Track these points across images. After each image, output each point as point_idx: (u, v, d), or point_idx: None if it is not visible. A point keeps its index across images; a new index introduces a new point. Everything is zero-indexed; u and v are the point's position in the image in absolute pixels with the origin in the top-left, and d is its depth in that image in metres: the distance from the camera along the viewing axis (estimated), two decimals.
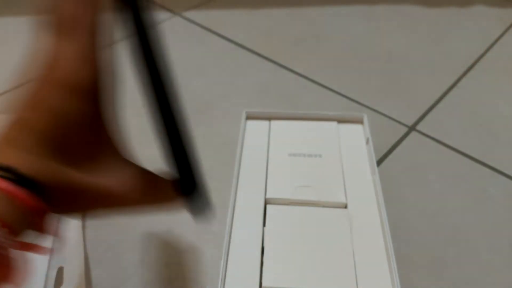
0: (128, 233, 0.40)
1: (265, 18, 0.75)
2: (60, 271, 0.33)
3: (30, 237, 0.20)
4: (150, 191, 0.26)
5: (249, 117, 0.46)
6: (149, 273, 0.37)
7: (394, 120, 0.53)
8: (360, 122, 0.46)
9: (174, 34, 0.70)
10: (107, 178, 0.23)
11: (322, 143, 0.43)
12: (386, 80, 0.60)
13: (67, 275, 0.32)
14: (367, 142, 0.44)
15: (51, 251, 0.34)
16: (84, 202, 0.23)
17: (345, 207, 0.38)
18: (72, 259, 0.33)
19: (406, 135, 0.51)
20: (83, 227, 0.40)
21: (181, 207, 0.26)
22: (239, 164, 0.41)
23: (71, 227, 0.36)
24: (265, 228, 0.35)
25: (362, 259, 0.33)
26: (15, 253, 0.18)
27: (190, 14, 0.76)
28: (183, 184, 0.26)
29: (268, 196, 0.38)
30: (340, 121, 0.46)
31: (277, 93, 0.57)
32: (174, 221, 0.41)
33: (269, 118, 0.47)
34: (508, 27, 0.72)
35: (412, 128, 0.52)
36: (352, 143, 0.44)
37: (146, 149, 0.49)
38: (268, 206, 0.37)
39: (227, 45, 0.68)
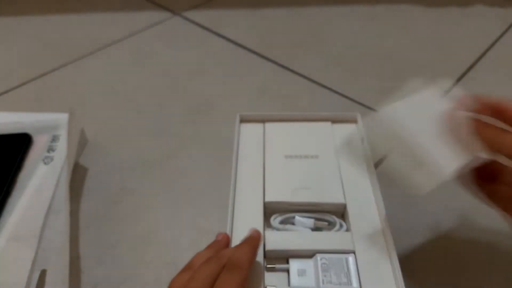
0: (128, 233, 0.40)
1: (265, 18, 0.75)
2: (42, 273, 0.33)
3: None
4: None
5: (242, 120, 0.46)
6: (149, 273, 0.37)
7: None
8: (354, 121, 0.46)
9: (174, 34, 0.70)
10: None
11: (317, 144, 0.43)
12: (386, 80, 0.60)
13: (50, 278, 0.32)
14: (362, 142, 0.44)
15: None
16: None
17: (345, 207, 0.38)
18: (56, 262, 0.33)
19: None
20: (70, 229, 0.40)
21: None
22: (236, 169, 0.41)
23: (57, 229, 0.36)
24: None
25: (363, 260, 0.33)
26: None
27: (190, 14, 0.76)
28: None
29: (266, 199, 0.38)
30: (334, 121, 0.46)
31: (277, 93, 0.57)
32: (174, 220, 0.41)
33: (263, 121, 0.46)
34: (508, 27, 0.72)
35: None
36: (348, 142, 0.44)
37: (145, 146, 0.49)
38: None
39: (227, 45, 0.68)
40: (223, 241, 0.34)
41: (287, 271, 0.34)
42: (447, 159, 0.30)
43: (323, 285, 0.31)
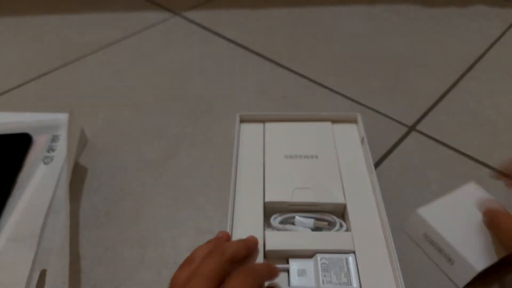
0: (128, 233, 0.40)
1: (265, 18, 0.75)
2: (42, 273, 0.33)
3: None
4: None
5: (242, 120, 0.46)
6: (149, 273, 0.37)
7: (394, 120, 0.53)
8: (354, 121, 0.46)
9: (174, 34, 0.70)
10: None
11: (317, 144, 0.43)
12: (386, 80, 0.60)
13: (50, 278, 0.32)
14: (362, 141, 0.44)
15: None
16: None
17: (345, 207, 0.38)
18: (56, 262, 0.33)
19: (406, 135, 0.51)
20: (70, 228, 0.40)
21: None
22: (236, 169, 0.41)
23: (57, 229, 0.35)
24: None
25: (363, 260, 0.33)
26: None
27: (190, 14, 0.76)
28: None
29: (267, 199, 0.38)
30: (334, 121, 0.46)
31: (277, 93, 0.57)
32: (174, 220, 0.41)
33: (263, 121, 0.46)
34: (508, 27, 0.72)
35: (412, 128, 0.52)
36: (348, 142, 0.44)
37: (145, 146, 0.49)
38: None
39: (227, 45, 0.68)
40: (224, 238, 0.33)
41: (287, 271, 0.34)
42: (477, 259, 0.33)
43: (323, 285, 0.31)
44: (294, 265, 0.34)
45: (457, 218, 0.36)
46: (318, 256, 0.33)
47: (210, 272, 0.27)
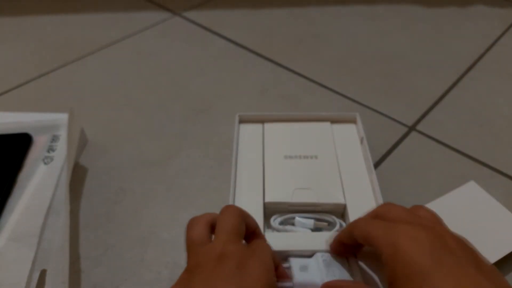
0: (128, 233, 0.40)
1: (265, 18, 0.75)
2: (42, 273, 0.33)
3: None
4: None
5: (242, 121, 0.46)
6: (149, 273, 0.37)
7: (394, 120, 0.53)
8: (353, 121, 0.46)
9: (174, 34, 0.70)
10: None
11: (317, 144, 0.43)
12: (386, 80, 0.60)
13: (50, 278, 0.32)
14: (361, 141, 0.44)
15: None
16: None
17: (345, 207, 0.38)
18: (56, 262, 0.33)
19: (406, 135, 0.51)
20: (70, 228, 0.40)
21: None
22: (236, 169, 0.41)
23: (57, 229, 0.35)
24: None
25: (364, 259, 0.33)
26: None
27: (190, 14, 0.76)
28: None
29: (267, 200, 0.38)
30: (334, 121, 0.46)
31: (277, 93, 0.57)
32: (174, 220, 0.41)
33: (262, 121, 0.46)
34: (508, 27, 0.72)
35: (412, 128, 0.52)
36: (347, 143, 0.44)
37: (145, 146, 0.49)
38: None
39: (227, 45, 0.68)
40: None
41: (289, 268, 0.34)
42: None
43: (326, 278, 0.31)
44: (295, 261, 0.33)
45: (456, 218, 0.36)
46: (319, 254, 0.33)
47: (232, 227, 0.27)
